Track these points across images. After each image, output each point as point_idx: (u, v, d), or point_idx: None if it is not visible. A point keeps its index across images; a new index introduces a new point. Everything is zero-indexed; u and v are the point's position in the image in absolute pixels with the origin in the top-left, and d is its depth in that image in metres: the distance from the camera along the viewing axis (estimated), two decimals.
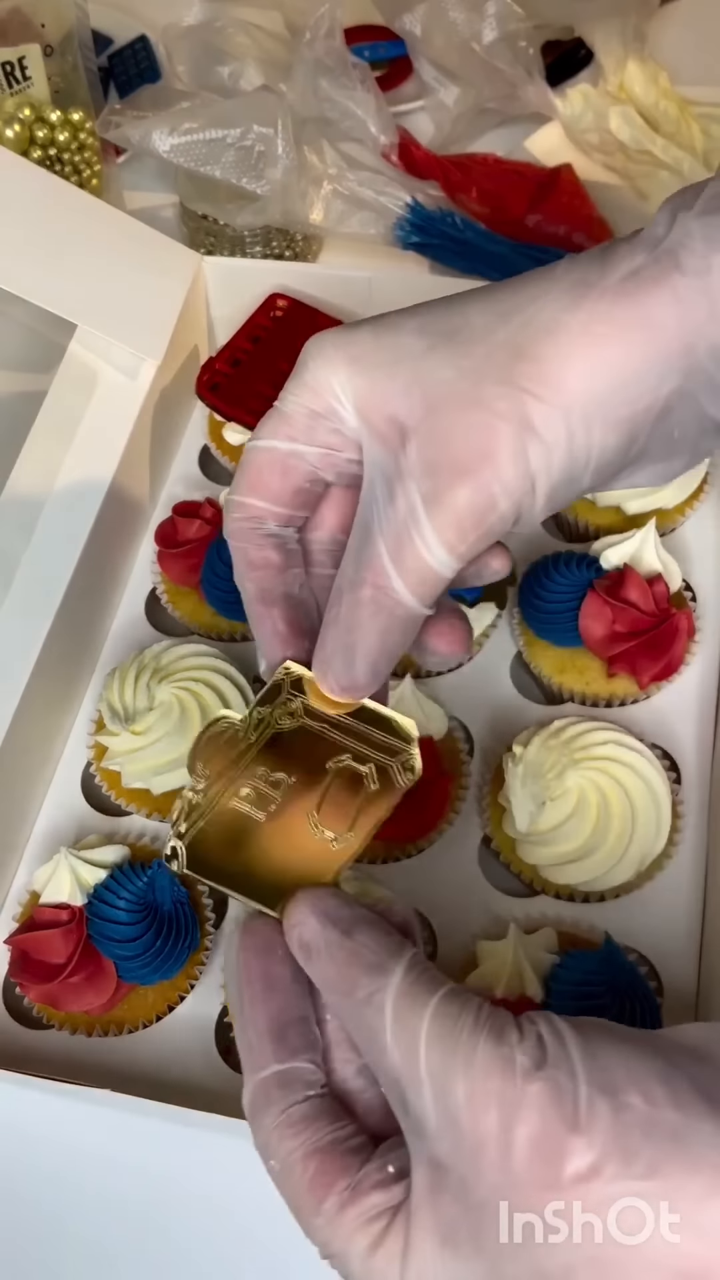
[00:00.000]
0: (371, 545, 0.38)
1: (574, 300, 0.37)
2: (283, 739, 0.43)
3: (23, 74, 0.87)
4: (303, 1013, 0.38)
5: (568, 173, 0.90)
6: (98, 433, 0.70)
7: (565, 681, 0.66)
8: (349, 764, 0.43)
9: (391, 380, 0.38)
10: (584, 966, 0.55)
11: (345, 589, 0.39)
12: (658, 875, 0.61)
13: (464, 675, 0.69)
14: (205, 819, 0.42)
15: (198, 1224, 0.54)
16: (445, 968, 0.59)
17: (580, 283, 0.37)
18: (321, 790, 0.42)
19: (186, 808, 0.42)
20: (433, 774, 0.61)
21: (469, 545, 0.38)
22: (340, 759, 0.43)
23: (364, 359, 0.39)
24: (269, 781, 0.42)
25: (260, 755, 0.42)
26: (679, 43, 1.01)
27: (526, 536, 0.75)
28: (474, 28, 0.92)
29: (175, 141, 0.84)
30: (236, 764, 0.42)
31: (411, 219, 0.85)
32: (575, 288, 0.37)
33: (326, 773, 0.42)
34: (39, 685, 0.62)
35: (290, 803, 0.42)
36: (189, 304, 0.78)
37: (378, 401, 0.38)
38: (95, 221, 0.77)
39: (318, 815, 0.42)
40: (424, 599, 0.38)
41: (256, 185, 0.83)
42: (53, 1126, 0.57)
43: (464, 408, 0.37)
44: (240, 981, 0.38)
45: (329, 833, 0.41)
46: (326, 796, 0.42)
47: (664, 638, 0.64)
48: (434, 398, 0.37)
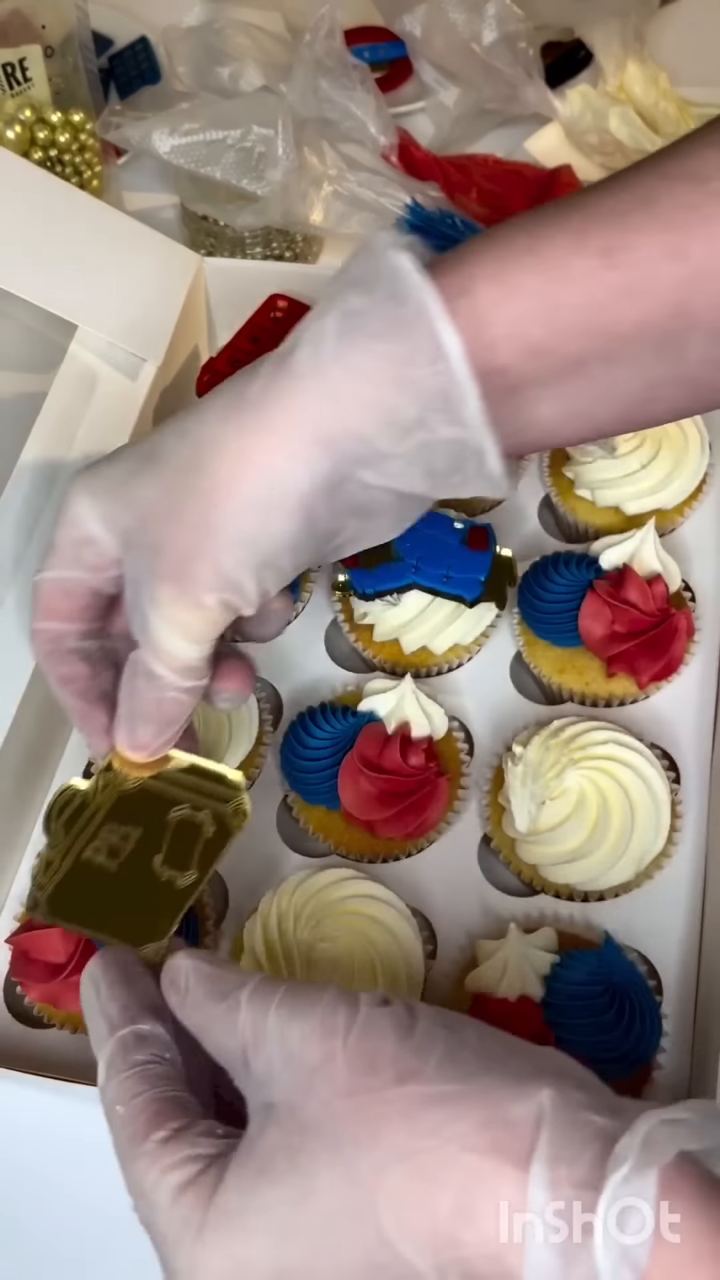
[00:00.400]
0: (138, 635, 0.46)
1: (227, 416, 0.43)
2: (128, 797, 0.49)
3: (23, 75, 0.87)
4: (156, 1002, 0.42)
5: (567, 174, 0.90)
6: (98, 434, 0.70)
7: (565, 681, 0.66)
8: (188, 813, 0.49)
9: (115, 503, 0.45)
10: (583, 966, 0.55)
11: (127, 670, 0.47)
12: (657, 875, 0.61)
13: (464, 675, 0.69)
14: (62, 873, 0.48)
15: None
16: (445, 967, 0.59)
17: (235, 398, 0.43)
18: (165, 838, 0.49)
19: (44, 864, 0.49)
20: (433, 774, 0.61)
21: (199, 633, 0.44)
22: (179, 810, 0.49)
23: (98, 489, 0.46)
24: (118, 835, 0.49)
25: (108, 814, 0.49)
26: (679, 44, 1.01)
27: (526, 536, 0.75)
28: (474, 29, 0.92)
29: (175, 142, 0.84)
30: (89, 823, 0.49)
31: (411, 220, 0.85)
32: (230, 403, 0.43)
33: (168, 823, 0.49)
34: (40, 685, 0.62)
35: (138, 851, 0.48)
36: (189, 305, 0.78)
37: (111, 521, 0.45)
38: (96, 222, 0.77)
39: (163, 860, 0.48)
40: (184, 675, 0.45)
41: (257, 186, 0.83)
42: (53, 1125, 0.57)
43: (164, 520, 0.43)
44: (97, 977, 0.43)
45: (175, 874, 0.48)
46: (170, 843, 0.49)
47: (663, 638, 0.64)
48: (143, 514, 0.44)
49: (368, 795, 0.60)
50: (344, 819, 0.62)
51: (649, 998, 0.55)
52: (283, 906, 0.57)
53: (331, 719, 0.63)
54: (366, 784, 0.60)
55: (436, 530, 0.67)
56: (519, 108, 0.95)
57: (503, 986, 0.55)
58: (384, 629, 0.68)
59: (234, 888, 0.63)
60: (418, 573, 0.66)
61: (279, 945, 0.55)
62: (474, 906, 0.62)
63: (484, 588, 0.66)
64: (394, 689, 0.63)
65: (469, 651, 0.69)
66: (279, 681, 0.70)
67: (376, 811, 0.60)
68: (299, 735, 0.63)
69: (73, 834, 0.49)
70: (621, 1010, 0.53)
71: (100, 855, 0.49)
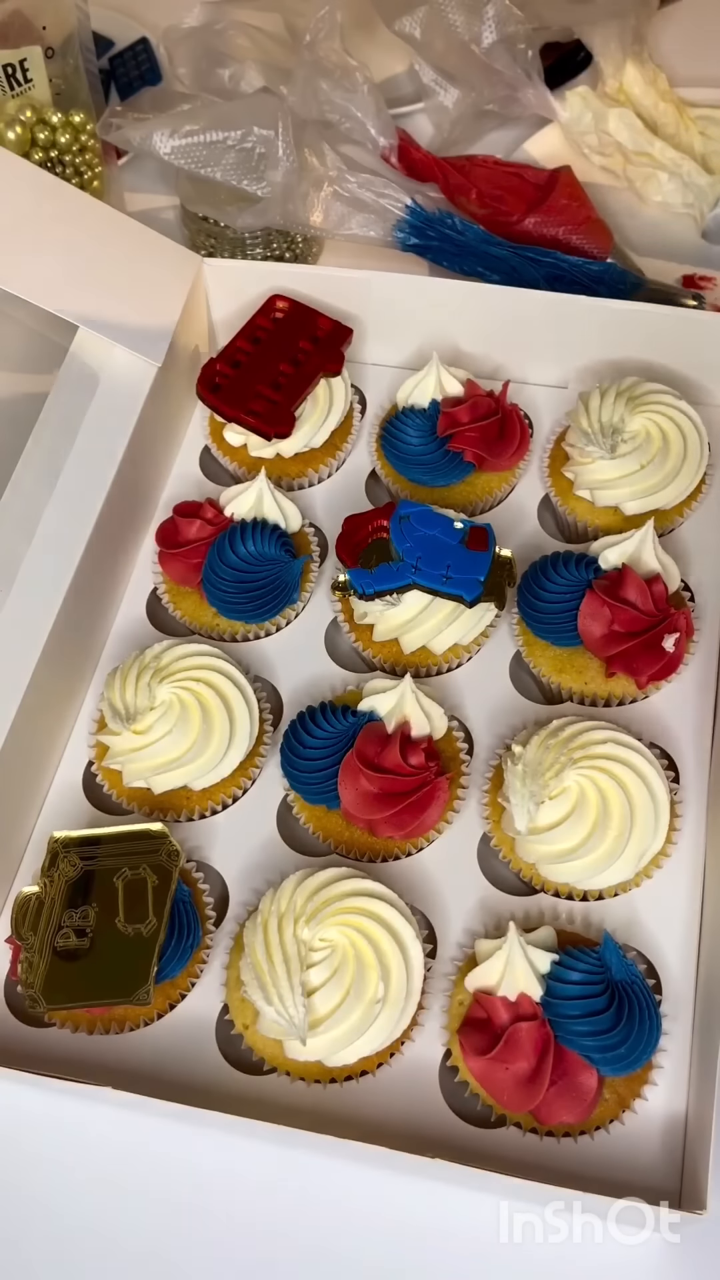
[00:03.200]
0: None
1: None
2: (76, 884, 0.58)
3: (24, 76, 0.87)
4: None
5: (567, 174, 0.90)
6: (99, 434, 0.70)
7: (564, 681, 0.66)
8: (129, 874, 0.58)
9: None
10: (583, 964, 0.55)
11: None
12: (656, 873, 0.61)
13: (464, 675, 0.69)
14: (43, 967, 0.55)
15: (196, 1220, 0.55)
16: (445, 967, 0.59)
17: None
18: (119, 902, 0.57)
19: (26, 964, 0.56)
20: (432, 774, 0.61)
21: None
22: (120, 875, 0.58)
23: None
24: (79, 916, 0.57)
25: (64, 903, 0.57)
26: (678, 45, 1.02)
27: (526, 536, 0.75)
28: (473, 30, 0.92)
29: (176, 144, 0.84)
30: (50, 918, 0.57)
31: (411, 221, 0.85)
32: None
33: (116, 888, 0.57)
34: (41, 684, 0.62)
35: (100, 922, 0.57)
36: (189, 305, 0.78)
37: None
38: (96, 223, 0.77)
39: (124, 919, 0.57)
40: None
41: (257, 187, 0.84)
42: (55, 1123, 0.57)
43: None
44: None
45: (138, 926, 0.56)
46: (124, 904, 0.57)
47: (662, 637, 0.64)
48: None
49: (367, 795, 0.60)
50: (344, 819, 0.62)
51: (648, 997, 0.55)
52: (283, 906, 0.57)
53: (331, 719, 0.63)
54: (366, 783, 0.60)
55: (436, 530, 0.67)
56: (518, 109, 0.95)
57: (503, 985, 0.55)
58: (384, 629, 0.68)
59: (234, 888, 0.63)
60: (418, 573, 0.66)
61: (279, 945, 0.55)
62: (474, 905, 0.62)
63: (483, 588, 0.66)
64: (394, 689, 0.63)
65: (469, 651, 0.69)
66: (279, 681, 0.70)
67: (376, 811, 0.60)
68: (299, 735, 0.63)
69: (40, 932, 0.57)
70: (621, 1009, 0.54)
71: (70, 939, 0.56)
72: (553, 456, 0.76)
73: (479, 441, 0.73)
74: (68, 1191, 0.56)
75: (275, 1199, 0.55)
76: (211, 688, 0.64)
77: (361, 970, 0.55)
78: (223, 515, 0.72)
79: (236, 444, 0.77)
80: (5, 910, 0.62)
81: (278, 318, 0.78)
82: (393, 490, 0.76)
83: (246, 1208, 0.55)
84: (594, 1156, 0.54)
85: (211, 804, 0.64)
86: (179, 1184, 0.56)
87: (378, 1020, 0.54)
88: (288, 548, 0.71)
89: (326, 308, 0.79)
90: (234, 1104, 0.53)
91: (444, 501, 0.72)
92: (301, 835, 0.64)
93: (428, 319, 0.80)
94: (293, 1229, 0.54)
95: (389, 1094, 0.56)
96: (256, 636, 0.71)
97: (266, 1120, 0.52)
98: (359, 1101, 0.56)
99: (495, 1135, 0.55)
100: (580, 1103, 0.53)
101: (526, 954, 0.55)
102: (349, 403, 0.79)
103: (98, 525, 0.67)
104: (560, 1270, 0.53)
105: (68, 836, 0.59)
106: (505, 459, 0.74)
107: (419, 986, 0.56)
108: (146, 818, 0.64)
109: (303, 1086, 0.56)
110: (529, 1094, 0.53)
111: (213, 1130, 0.55)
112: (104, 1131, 0.57)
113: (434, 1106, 0.56)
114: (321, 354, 0.77)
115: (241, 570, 0.69)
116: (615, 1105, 0.55)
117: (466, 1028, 0.55)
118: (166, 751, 0.63)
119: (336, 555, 0.70)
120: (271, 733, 0.67)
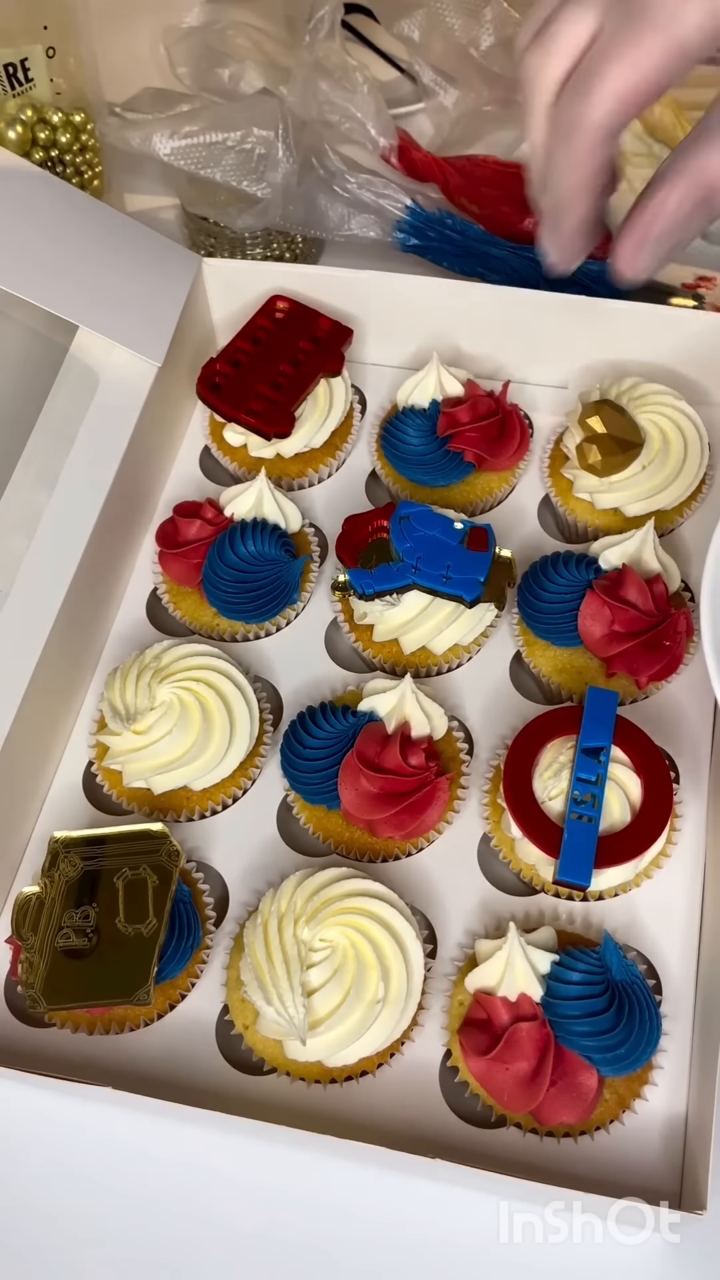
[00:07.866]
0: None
1: None
2: (77, 884, 0.57)
3: (25, 75, 0.87)
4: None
5: None
6: (99, 434, 0.70)
7: (564, 681, 0.66)
8: (129, 874, 0.58)
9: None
10: (583, 964, 0.55)
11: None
12: (656, 874, 0.61)
13: (464, 675, 0.69)
14: (44, 967, 0.55)
15: (197, 1219, 0.55)
16: (445, 967, 0.59)
17: None
18: (119, 902, 0.57)
19: (27, 964, 0.56)
20: (432, 774, 0.61)
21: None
22: (121, 875, 0.58)
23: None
24: (79, 916, 0.57)
25: (64, 902, 0.57)
26: None
27: (526, 537, 0.75)
28: (471, 34, 0.92)
29: (176, 145, 0.84)
30: (50, 918, 0.57)
31: (411, 221, 0.86)
32: None
33: (117, 889, 0.57)
34: (41, 684, 0.62)
35: (102, 922, 0.56)
36: (189, 305, 0.78)
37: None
38: (96, 223, 0.77)
39: (124, 920, 0.56)
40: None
41: (257, 188, 0.84)
42: (55, 1123, 0.57)
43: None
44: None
45: (138, 927, 0.56)
46: (125, 904, 0.57)
47: (663, 638, 0.64)
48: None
49: (367, 795, 0.60)
50: (344, 819, 0.62)
51: (649, 997, 0.55)
52: (283, 906, 0.57)
53: (331, 719, 0.63)
54: (366, 784, 0.60)
55: (436, 531, 0.67)
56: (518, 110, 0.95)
57: (503, 986, 0.55)
58: (384, 629, 0.68)
59: (234, 888, 0.63)
60: (418, 573, 0.66)
61: (279, 945, 0.55)
62: (474, 906, 0.62)
63: (483, 588, 0.66)
64: (394, 689, 0.63)
65: (468, 652, 0.69)
66: (279, 681, 0.70)
67: (376, 811, 0.60)
68: (299, 735, 0.63)
69: (40, 932, 0.56)
70: (621, 1009, 0.54)
71: (70, 939, 0.56)
72: (553, 456, 0.76)
73: (479, 442, 0.73)
74: (67, 1192, 0.55)
75: (275, 1199, 0.55)
76: (211, 688, 0.64)
77: (362, 970, 0.55)
78: (223, 515, 0.72)
79: (236, 444, 0.77)
80: (5, 910, 0.62)
81: (278, 318, 0.78)
82: (393, 490, 0.76)
83: (246, 1208, 0.55)
84: (594, 1157, 0.54)
85: (211, 804, 0.64)
86: (179, 1184, 0.55)
87: (378, 1020, 0.54)
88: (288, 548, 0.71)
89: (326, 308, 0.79)
90: (234, 1104, 0.53)
91: (444, 502, 0.72)
92: (301, 835, 0.64)
93: (428, 319, 0.80)
94: (292, 1229, 0.54)
95: (389, 1094, 0.56)
96: (256, 636, 0.71)
97: (266, 1120, 0.52)
98: (359, 1102, 0.56)
99: (495, 1135, 0.55)
100: (580, 1103, 0.53)
101: (526, 954, 0.55)
102: (349, 403, 0.79)
103: (98, 525, 0.67)
104: (560, 1270, 0.53)
105: (68, 836, 0.59)
106: (505, 459, 0.74)
107: (419, 987, 0.56)
108: (147, 818, 0.64)
109: (303, 1087, 0.56)
110: (529, 1094, 0.53)
111: (213, 1130, 0.55)
112: (104, 1131, 0.57)
113: (434, 1107, 0.56)
114: (321, 354, 0.77)
115: (241, 570, 0.69)
116: (615, 1105, 0.55)
117: (467, 1028, 0.55)
118: (166, 752, 0.63)
119: (336, 555, 0.70)
120: (271, 733, 0.67)
